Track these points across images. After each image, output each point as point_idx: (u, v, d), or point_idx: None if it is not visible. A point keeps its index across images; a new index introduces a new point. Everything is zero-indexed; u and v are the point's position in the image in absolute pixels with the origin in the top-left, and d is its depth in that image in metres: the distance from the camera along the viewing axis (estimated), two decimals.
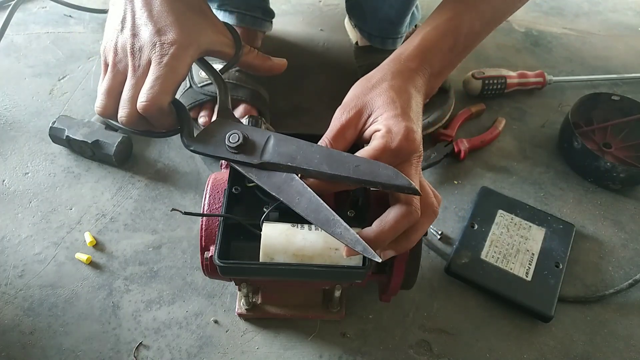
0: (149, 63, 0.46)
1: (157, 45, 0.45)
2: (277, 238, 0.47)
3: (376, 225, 0.45)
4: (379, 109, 0.47)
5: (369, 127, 0.47)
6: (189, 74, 0.78)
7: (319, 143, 0.47)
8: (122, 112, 0.47)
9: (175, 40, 0.46)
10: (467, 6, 0.52)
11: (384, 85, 0.48)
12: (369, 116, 0.47)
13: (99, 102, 0.48)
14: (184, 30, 0.46)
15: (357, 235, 0.42)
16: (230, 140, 0.45)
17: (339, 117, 0.47)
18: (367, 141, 0.47)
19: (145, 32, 0.46)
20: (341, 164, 0.43)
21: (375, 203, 0.51)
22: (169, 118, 0.48)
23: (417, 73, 0.50)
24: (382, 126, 0.45)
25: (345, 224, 0.42)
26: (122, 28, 0.47)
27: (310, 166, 0.44)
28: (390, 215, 0.44)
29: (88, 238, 0.67)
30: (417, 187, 0.43)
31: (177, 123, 0.49)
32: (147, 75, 0.45)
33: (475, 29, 0.53)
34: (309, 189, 0.43)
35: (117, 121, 0.48)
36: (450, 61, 0.53)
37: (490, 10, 0.53)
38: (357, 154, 0.45)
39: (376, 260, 0.41)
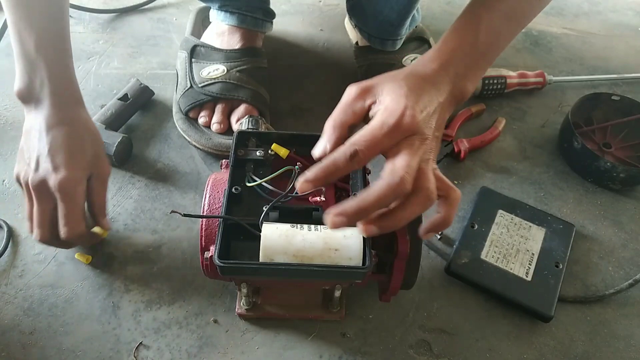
0: (51, 196, 0.57)
1: (54, 182, 0.55)
2: (276, 239, 0.47)
3: (360, 193, 0.44)
4: (385, 91, 0.47)
5: (375, 107, 0.47)
6: (190, 73, 0.78)
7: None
8: (49, 237, 0.59)
9: (68, 178, 0.56)
10: (483, 6, 0.52)
11: (397, 75, 0.49)
12: (378, 96, 0.47)
13: (31, 230, 0.60)
14: (75, 167, 0.57)
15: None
16: None
17: (349, 90, 0.48)
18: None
19: (43, 169, 0.56)
20: None
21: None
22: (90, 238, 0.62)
23: (437, 73, 0.50)
24: (382, 105, 0.46)
25: None
26: (28, 162, 0.58)
27: None
28: (376, 184, 0.44)
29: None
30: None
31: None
32: (52, 204, 0.57)
33: (495, 26, 0.52)
34: None
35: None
36: (475, 61, 0.52)
37: (507, 7, 0.53)
38: (357, 133, 0.45)
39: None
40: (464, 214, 0.74)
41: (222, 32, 0.82)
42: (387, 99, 0.46)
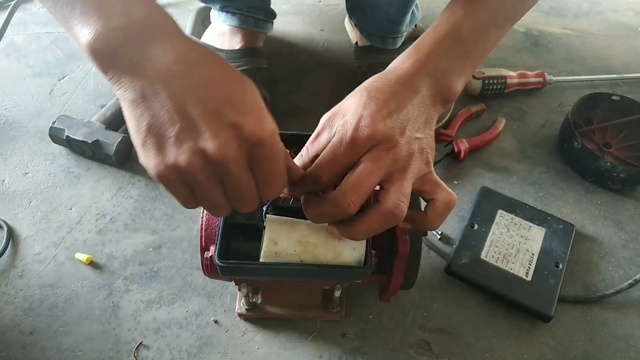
0: (244, 155, 0.39)
1: (255, 133, 0.39)
2: (282, 224, 0.47)
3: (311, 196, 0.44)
4: (347, 106, 0.45)
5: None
6: None
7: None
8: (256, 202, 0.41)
9: (268, 122, 0.41)
10: (463, 3, 0.49)
11: (363, 85, 0.47)
12: (344, 114, 0.45)
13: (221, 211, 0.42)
14: (262, 106, 0.42)
15: None
16: None
17: (321, 121, 0.46)
18: None
19: (220, 124, 0.37)
20: None
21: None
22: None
23: (412, 71, 0.47)
24: (342, 120, 0.44)
25: None
26: (178, 129, 0.36)
27: None
28: (324, 196, 0.43)
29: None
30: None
31: None
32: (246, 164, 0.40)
33: (480, 21, 0.49)
34: None
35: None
36: (459, 56, 0.49)
37: (493, 2, 0.50)
38: (321, 154, 0.44)
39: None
40: (464, 214, 0.74)
41: (223, 33, 0.82)
42: (348, 114, 0.44)
